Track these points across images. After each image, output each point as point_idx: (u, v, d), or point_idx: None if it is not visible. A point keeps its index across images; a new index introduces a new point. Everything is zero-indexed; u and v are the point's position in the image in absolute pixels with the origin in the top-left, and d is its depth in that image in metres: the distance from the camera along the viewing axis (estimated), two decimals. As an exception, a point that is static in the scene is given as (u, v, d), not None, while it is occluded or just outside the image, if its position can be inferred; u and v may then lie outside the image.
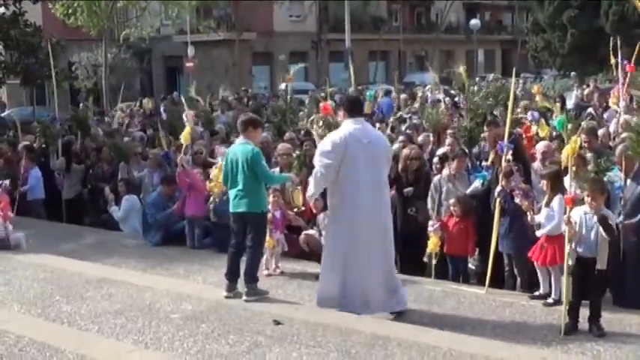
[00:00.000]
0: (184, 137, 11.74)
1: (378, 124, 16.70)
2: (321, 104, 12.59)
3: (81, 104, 24.68)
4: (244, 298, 8.98)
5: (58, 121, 17.15)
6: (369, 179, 8.42)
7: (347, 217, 8.46)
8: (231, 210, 9.24)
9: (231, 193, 9.20)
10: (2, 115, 26.75)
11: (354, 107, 8.83)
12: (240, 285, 9.14)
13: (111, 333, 7.98)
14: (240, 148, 9.18)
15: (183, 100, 14.41)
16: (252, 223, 9.15)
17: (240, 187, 9.06)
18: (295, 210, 10.41)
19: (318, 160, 8.53)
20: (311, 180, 8.72)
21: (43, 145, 16.72)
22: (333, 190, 8.56)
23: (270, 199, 10.23)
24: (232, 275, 9.18)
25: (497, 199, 9.24)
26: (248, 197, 9.05)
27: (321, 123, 11.26)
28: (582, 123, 11.10)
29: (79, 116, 17.80)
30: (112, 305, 8.92)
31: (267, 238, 10.05)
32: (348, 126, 8.60)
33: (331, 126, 12.06)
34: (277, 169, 11.35)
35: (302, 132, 15.05)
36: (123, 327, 8.12)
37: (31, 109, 26.89)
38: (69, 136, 16.80)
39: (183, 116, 12.16)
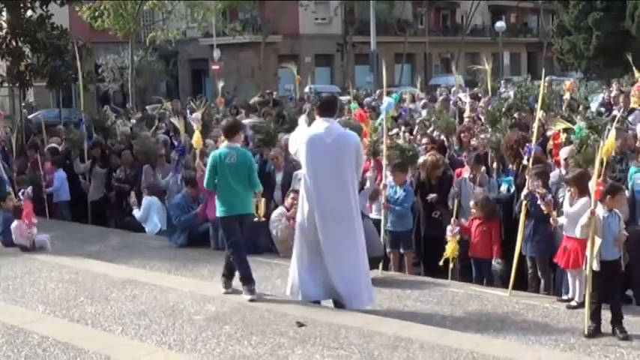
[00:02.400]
0: (195, 141, 11.80)
1: (403, 127, 16.71)
2: (356, 111, 12.62)
3: (106, 107, 24.91)
4: (249, 297, 9.11)
5: (84, 123, 17.28)
6: (330, 177, 8.78)
7: (308, 212, 8.86)
8: (229, 213, 9.31)
9: (226, 195, 9.30)
10: (29, 117, 26.93)
11: (325, 108, 9.13)
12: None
13: (134, 334, 8.03)
14: (237, 152, 9.35)
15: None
16: (246, 224, 9.46)
17: (237, 189, 9.24)
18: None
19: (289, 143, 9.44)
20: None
21: (67, 148, 16.85)
22: (300, 185, 9.12)
23: None
24: (251, 276, 9.27)
25: (524, 202, 9.20)
26: (245, 199, 9.35)
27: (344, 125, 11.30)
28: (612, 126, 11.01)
29: (99, 119, 17.92)
30: (136, 306, 8.97)
31: None
32: (315, 125, 9.02)
33: (354, 128, 12.12)
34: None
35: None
36: (147, 328, 8.17)
37: (58, 111, 27.04)
38: (96, 138, 16.93)
39: (190, 120, 12.22)
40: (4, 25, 20.41)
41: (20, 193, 12.58)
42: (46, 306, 9.14)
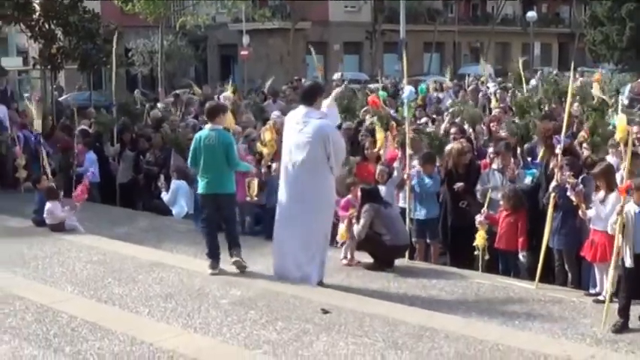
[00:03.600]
0: (228, 121, 11.81)
1: (435, 116, 16.72)
2: (369, 98, 12.64)
3: (137, 91, 25.04)
4: (236, 259, 9.73)
5: (113, 106, 17.43)
6: (296, 160, 9.28)
7: (281, 194, 9.54)
8: (205, 191, 9.82)
9: (204, 174, 9.74)
10: (60, 99, 27.12)
11: (305, 95, 9.67)
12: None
13: (161, 316, 8.09)
14: (217, 133, 9.70)
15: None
16: (226, 203, 9.85)
17: (216, 170, 9.65)
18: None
19: None
20: None
21: (98, 130, 16.98)
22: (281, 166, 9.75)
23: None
24: (216, 252, 9.81)
25: (552, 194, 9.16)
26: (223, 179, 9.71)
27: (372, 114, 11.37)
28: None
29: (123, 104, 18.02)
30: (163, 289, 9.04)
31: (342, 230, 10.32)
32: (295, 110, 9.70)
33: (382, 117, 12.13)
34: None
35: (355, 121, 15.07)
36: (173, 311, 8.23)
37: (88, 94, 27.23)
38: (124, 120, 17.04)
39: (222, 98, 12.26)
40: (38, 8, 20.53)
41: (89, 174, 13.17)
42: (75, 286, 9.22)
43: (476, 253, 10.17)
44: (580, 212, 8.88)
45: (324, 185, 9.37)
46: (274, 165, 11.55)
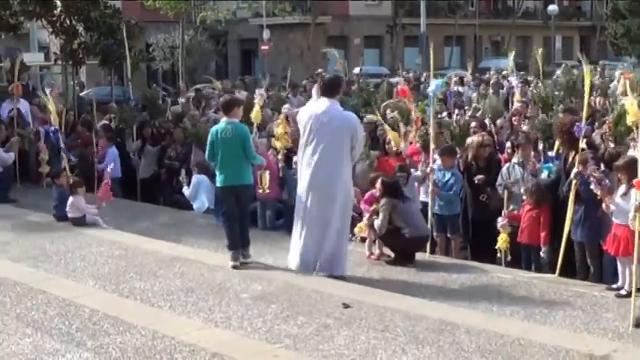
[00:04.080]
0: (255, 116, 11.79)
1: (457, 110, 16.67)
2: (399, 87, 12.62)
3: (154, 85, 25.11)
4: (232, 264, 9.74)
5: (132, 101, 17.49)
6: (322, 153, 9.27)
7: (302, 185, 9.49)
8: (223, 184, 9.87)
9: (222, 167, 9.81)
10: (82, 94, 27.28)
11: (327, 88, 9.54)
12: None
13: (182, 310, 8.12)
14: (233, 126, 9.73)
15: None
16: (244, 195, 9.97)
17: (232, 162, 9.71)
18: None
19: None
20: None
21: (120, 126, 17.06)
22: (298, 158, 9.78)
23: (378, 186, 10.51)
24: (236, 244, 9.82)
25: (573, 182, 9.09)
26: (241, 172, 9.79)
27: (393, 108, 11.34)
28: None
29: (150, 98, 18.08)
30: (184, 283, 9.06)
31: (362, 225, 10.33)
32: (315, 104, 9.59)
33: (403, 111, 12.09)
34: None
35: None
36: (194, 305, 8.25)
37: (109, 89, 27.41)
38: (143, 115, 17.10)
39: (255, 95, 12.26)
40: (59, 4, 20.65)
41: (109, 170, 13.02)
42: (96, 280, 9.28)
43: (498, 255, 10.14)
44: (604, 206, 8.80)
45: (345, 177, 9.42)
46: (295, 157, 11.53)
